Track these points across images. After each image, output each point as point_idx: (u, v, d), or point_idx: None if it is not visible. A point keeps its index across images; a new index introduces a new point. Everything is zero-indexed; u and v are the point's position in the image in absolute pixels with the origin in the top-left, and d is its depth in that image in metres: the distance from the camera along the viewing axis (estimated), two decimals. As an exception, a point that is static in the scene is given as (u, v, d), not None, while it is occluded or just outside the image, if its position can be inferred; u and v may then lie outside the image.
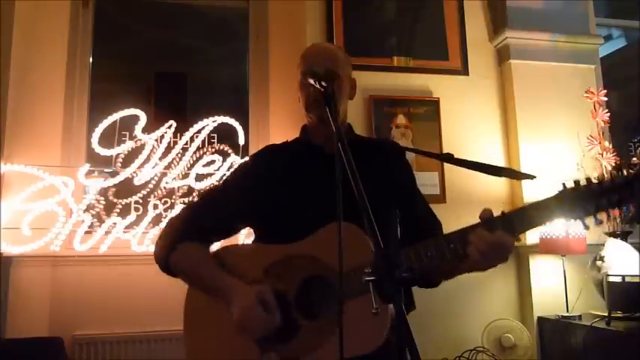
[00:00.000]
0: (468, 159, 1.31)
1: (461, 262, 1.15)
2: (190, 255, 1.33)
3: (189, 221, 1.38)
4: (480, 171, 1.30)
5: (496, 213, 1.13)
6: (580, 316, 2.54)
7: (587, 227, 1.06)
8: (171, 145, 2.86)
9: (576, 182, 1.07)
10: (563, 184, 1.08)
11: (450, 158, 1.35)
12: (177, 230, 1.36)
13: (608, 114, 2.83)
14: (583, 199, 1.05)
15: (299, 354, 1.19)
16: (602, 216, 1.07)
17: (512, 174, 1.28)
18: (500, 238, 1.10)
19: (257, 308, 1.18)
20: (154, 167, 2.80)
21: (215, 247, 1.41)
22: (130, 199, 2.78)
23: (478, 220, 1.14)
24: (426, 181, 2.89)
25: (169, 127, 2.87)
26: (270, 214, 1.34)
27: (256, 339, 1.21)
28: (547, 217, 1.09)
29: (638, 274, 2.32)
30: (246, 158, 1.54)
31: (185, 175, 2.86)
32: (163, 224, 1.49)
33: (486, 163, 1.30)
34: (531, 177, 1.23)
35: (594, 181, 1.06)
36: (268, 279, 1.25)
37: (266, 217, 1.35)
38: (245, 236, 2.24)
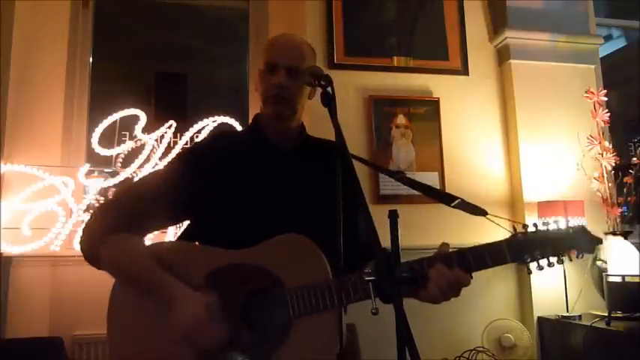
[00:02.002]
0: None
1: (414, 290, 1.14)
2: (124, 249, 1.20)
3: (124, 209, 1.23)
4: (431, 196, 1.27)
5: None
6: (580, 316, 2.54)
7: (530, 272, 1.15)
8: (172, 145, 2.85)
9: (525, 229, 1.15)
10: (514, 229, 1.16)
11: (402, 177, 1.32)
12: (109, 218, 1.22)
13: (608, 114, 2.83)
14: (531, 245, 1.13)
15: None
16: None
17: (464, 206, 1.20)
18: (458, 276, 1.12)
19: (206, 319, 1.09)
20: (154, 167, 2.80)
21: (150, 239, 1.28)
22: (130, 199, 2.78)
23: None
24: (426, 181, 2.85)
25: (169, 127, 2.86)
26: (217, 213, 1.25)
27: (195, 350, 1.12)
28: (500, 260, 1.14)
29: (638, 274, 2.32)
30: (195, 141, 1.44)
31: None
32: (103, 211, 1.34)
33: (440, 190, 1.26)
34: (483, 214, 1.19)
35: (541, 228, 1.14)
36: (211, 286, 1.15)
37: (212, 214, 1.25)
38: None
